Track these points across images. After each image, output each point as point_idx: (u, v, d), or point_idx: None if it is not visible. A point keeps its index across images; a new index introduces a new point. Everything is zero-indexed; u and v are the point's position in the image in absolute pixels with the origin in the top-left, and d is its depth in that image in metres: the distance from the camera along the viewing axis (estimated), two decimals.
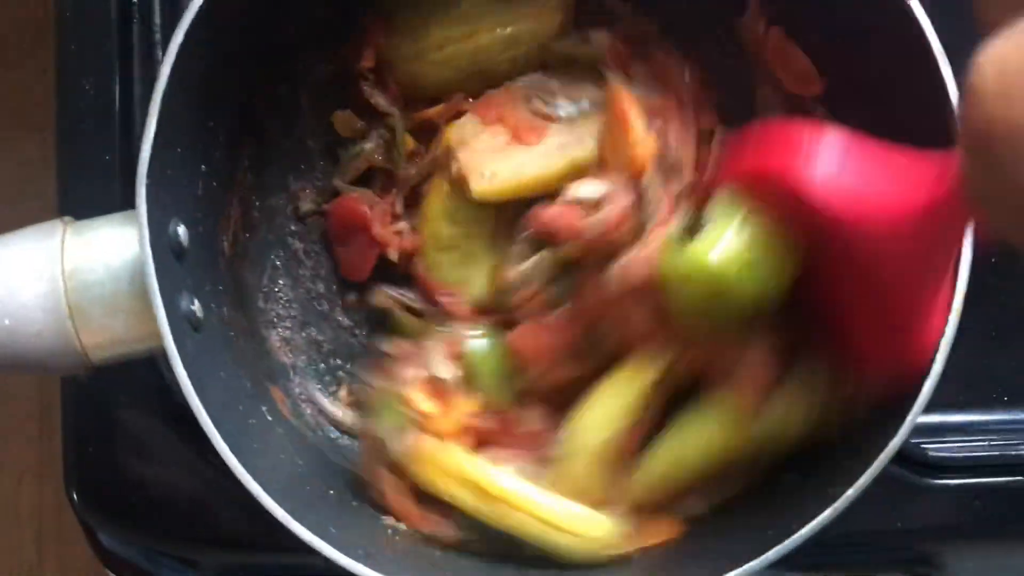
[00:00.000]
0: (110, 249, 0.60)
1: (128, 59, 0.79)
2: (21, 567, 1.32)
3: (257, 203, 0.78)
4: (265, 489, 0.58)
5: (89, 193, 0.78)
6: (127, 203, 0.76)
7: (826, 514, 0.59)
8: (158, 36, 0.78)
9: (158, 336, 0.57)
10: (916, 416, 0.60)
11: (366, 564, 0.58)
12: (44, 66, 1.38)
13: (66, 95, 0.79)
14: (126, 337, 0.60)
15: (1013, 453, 0.78)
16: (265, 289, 0.79)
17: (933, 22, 0.60)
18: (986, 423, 0.79)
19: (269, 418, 0.71)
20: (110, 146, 0.78)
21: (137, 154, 0.77)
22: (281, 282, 0.79)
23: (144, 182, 0.58)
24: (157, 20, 0.78)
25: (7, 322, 0.58)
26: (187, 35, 0.58)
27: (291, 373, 0.79)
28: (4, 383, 1.32)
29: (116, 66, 0.79)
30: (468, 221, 0.74)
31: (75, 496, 0.78)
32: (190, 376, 0.58)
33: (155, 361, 0.77)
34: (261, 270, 0.79)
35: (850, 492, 0.59)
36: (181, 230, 0.62)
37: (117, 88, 0.78)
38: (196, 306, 0.62)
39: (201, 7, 0.59)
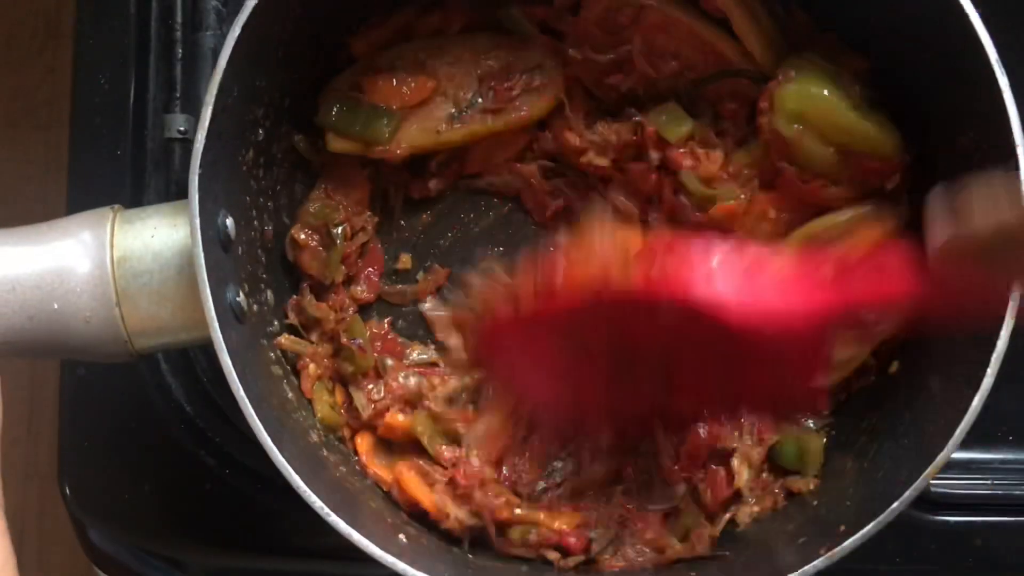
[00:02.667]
0: (159, 238, 0.60)
1: (144, 56, 0.79)
2: None
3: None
4: (304, 481, 0.58)
5: (98, 187, 0.78)
6: (135, 199, 0.76)
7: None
8: (178, 34, 0.79)
9: (204, 326, 0.57)
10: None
11: (400, 559, 0.59)
12: (51, 66, 1.39)
13: (81, 90, 0.79)
14: (172, 326, 0.60)
15: (1016, 493, 0.78)
16: None
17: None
18: (990, 461, 0.79)
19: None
20: (122, 142, 0.78)
21: (147, 151, 0.78)
22: None
23: (197, 171, 0.58)
24: (179, 19, 0.79)
25: (56, 306, 0.58)
26: (244, 27, 0.59)
27: None
28: None
29: (132, 63, 0.79)
30: None
31: (67, 491, 0.78)
32: (235, 366, 0.57)
33: (152, 361, 0.77)
34: None
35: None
36: (229, 222, 0.62)
37: (132, 85, 0.79)
38: (241, 297, 0.63)
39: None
